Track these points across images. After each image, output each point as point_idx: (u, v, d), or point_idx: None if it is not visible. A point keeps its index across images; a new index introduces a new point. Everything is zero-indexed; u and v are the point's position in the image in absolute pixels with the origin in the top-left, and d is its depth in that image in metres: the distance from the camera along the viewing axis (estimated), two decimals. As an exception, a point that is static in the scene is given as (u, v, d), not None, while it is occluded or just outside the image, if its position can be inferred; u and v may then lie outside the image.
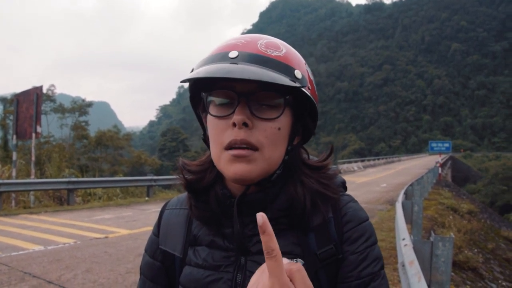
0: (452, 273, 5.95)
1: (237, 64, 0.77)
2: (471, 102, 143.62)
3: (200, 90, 0.85)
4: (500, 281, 8.14)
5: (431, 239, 3.95)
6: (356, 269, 0.84)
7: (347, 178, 1.00)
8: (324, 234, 0.86)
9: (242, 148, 0.78)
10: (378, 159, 51.24)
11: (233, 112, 0.78)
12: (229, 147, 0.78)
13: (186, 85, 0.91)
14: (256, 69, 0.75)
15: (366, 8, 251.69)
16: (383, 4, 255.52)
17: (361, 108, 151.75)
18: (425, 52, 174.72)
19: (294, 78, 0.79)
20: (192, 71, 0.84)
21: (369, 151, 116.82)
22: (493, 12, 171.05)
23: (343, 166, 33.01)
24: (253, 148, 0.78)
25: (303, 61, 0.87)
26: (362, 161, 42.35)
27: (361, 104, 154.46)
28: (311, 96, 0.84)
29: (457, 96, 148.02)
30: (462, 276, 6.73)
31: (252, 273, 0.81)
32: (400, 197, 9.91)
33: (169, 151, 61.74)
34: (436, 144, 28.33)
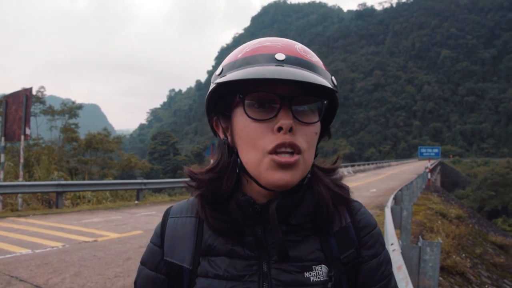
0: (440, 278, 6.00)
1: (283, 66, 0.75)
2: (460, 108, 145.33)
3: (232, 92, 0.81)
4: (487, 286, 8.22)
5: (419, 244, 3.98)
6: (378, 272, 0.88)
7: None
8: (345, 239, 0.88)
9: (288, 153, 0.76)
10: (368, 164, 51.40)
11: (275, 116, 0.76)
12: (274, 151, 0.75)
13: (177, 88, 0.87)
14: (309, 73, 0.75)
15: (357, 14, 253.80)
16: (374, 10, 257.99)
17: (352, 113, 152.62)
18: (415, 58, 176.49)
19: (332, 83, 0.80)
20: (221, 71, 0.82)
21: (359, 156, 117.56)
22: (482, 19, 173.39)
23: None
24: (298, 152, 0.77)
25: None
26: (352, 166, 42.40)
27: (352, 109, 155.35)
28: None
29: (446, 102, 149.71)
30: (450, 281, 6.78)
31: (279, 281, 0.81)
32: (390, 202, 9.96)
33: (160, 154, 61.52)
34: (426, 150, 28.51)
